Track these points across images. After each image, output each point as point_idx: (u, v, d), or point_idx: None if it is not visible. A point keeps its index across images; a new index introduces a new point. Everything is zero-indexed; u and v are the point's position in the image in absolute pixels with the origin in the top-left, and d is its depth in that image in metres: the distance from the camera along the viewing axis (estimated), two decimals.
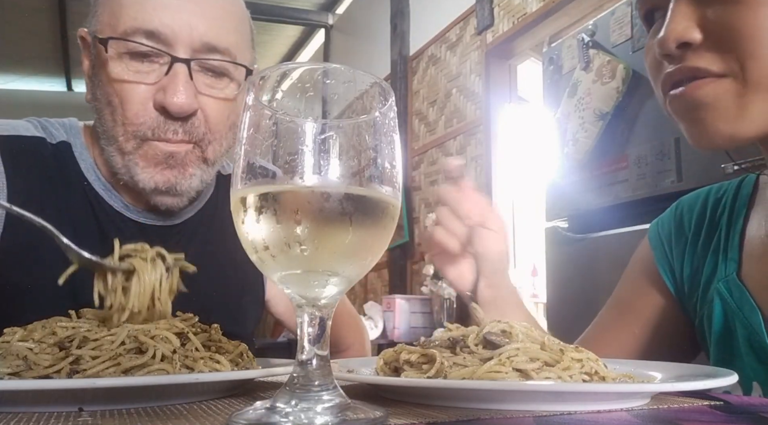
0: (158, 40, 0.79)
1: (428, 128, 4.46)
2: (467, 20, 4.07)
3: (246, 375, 0.55)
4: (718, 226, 0.77)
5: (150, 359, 0.51)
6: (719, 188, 0.81)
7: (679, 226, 0.82)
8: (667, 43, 0.62)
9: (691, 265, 0.79)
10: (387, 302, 3.90)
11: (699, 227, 0.79)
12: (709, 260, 0.76)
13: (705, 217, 0.79)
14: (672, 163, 1.92)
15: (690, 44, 0.61)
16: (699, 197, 0.82)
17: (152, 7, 0.79)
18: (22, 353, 0.52)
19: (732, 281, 0.71)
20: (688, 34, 0.61)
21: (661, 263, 0.82)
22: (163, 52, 0.79)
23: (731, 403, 0.49)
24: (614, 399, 0.47)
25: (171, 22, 0.79)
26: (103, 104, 0.83)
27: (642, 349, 0.82)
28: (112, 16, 0.81)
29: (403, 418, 0.41)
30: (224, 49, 0.83)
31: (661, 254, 0.83)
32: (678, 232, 0.82)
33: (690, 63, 0.62)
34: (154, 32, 0.78)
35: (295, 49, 7.66)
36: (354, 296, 5.37)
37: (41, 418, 0.43)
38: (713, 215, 0.79)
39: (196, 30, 0.80)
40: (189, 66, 0.80)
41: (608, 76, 2.13)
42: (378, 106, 0.40)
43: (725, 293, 0.72)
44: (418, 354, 0.53)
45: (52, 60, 7.41)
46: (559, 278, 2.38)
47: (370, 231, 0.38)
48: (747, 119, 0.60)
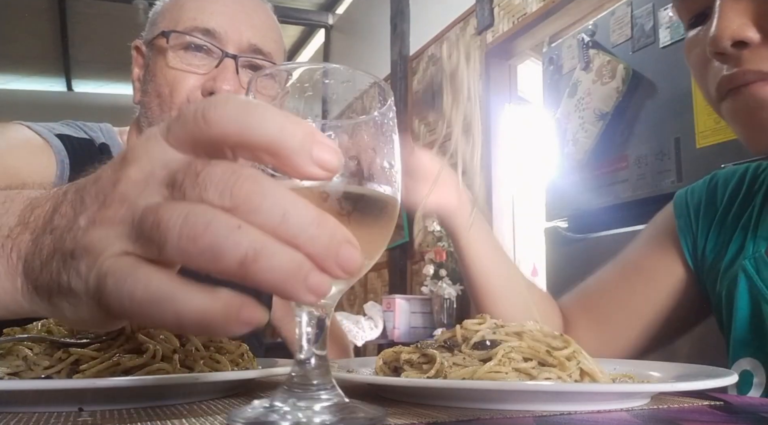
0: (212, 37, 0.89)
1: (428, 128, 4.47)
2: (467, 20, 4.07)
3: (246, 375, 0.55)
4: (752, 203, 0.74)
5: (150, 359, 0.51)
6: (758, 166, 0.77)
7: (712, 197, 0.79)
8: (721, 42, 0.58)
9: (717, 238, 0.76)
10: (387, 302, 3.90)
11: (732, 202, 0.76)
12: (737, 235, 0.73)
13: (740, 192, 0.76)
14: (672, 163, 1.93)
15: (746, 44, 0.57)
16: (737, 172, 0.79)
17: (210, 11, 0.91)
18: (22, 353, 0.52)
19: (761, 259, 0.69)
20: (744, 31, 0.57)
21: (684, 232, 0.80)
22: (215, 47, 0.89)
23: (731, 403, 0.49)
24: (614, 399, 0.47)
25: (225, 24, 0.90)
26: (152, 97, 0.91)
27: (653, 313, 0.80)
28: (173, 20, 0.91)
29: (403, 418, 0.41)
30: (267, 52, 0.93)
31: (685, 223, 0.80)
32: (709, 203, 0.79)
33: (752, 65, 0.58)
34: (210, 30, 0.89)
35: (295, 49, 7.66)
36: (354, 296, 5.37)
37: (41, 418, 0.43)
38: (749, 191, 0.75)
39: (245, 34, 0.91)
40: (237, 62, 0.89)
41: (608, 76, 2.13)
42: (377, 106, 0.40)
43: (752, 271, 0.69)
44: (419, 354, 0.53)
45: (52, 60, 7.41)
46: (559, 278, 2.38)
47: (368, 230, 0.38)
48: None
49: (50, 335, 0.54)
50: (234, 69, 0.89)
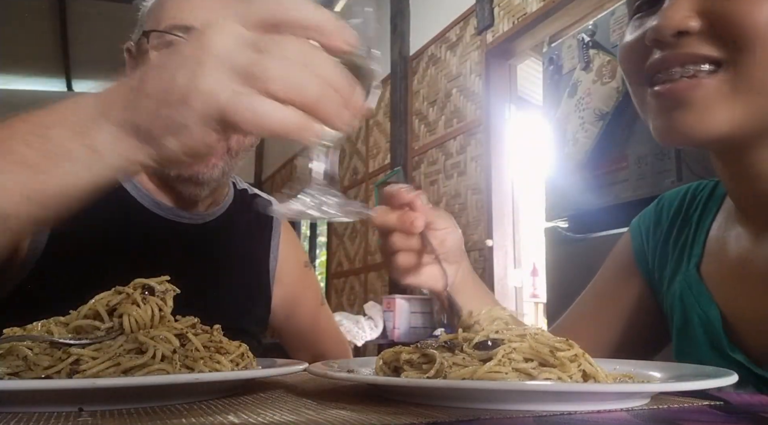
0: None
1: (428, 128, 4.47)
2: (467, 20, 4.07)
3: (246, 375, 0.55)
4: (689, 222, 0.79)
5: (150, 359, 0.51)
6: (698, 185, 0.82)
7: (658, 218, 0.84)
8: (664, 30, 0.60)
9: (661, 257, 0.81)
10: (387, 302, 3.90)
11: (674, 222, 0.81)
12: (677, 254, 0.78)
13: (681, 212, 0.81)
14: (672, 163, 1.93)
15: (686, 33, 0.60)
16: (680, 192, 0.84)
17: (189, 9, 0.90)
18: (22, 353, 0.52)
19: (692, 275, 0.74)
20: (687, 21, 0.60)
21: (638, 253, 0.85)
22: None
23: (731, 403, 0.49)
24: (614, 399, 0.47)
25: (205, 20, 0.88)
26: None
27: (615, 338, 0.84)
28: (155, 20, 0.92)
29: (403, 418, 0.41)
30: None
31: (638, 244, 0.85)
32: (656, 224, 0.84)
33: (685, 49, 0.60)
34: (189, 27, 0.88)
35: None
36: (354, 296, 5.38)
37: (41, 418, 0.43)
38: (687, 210, 0.81)
39: None
40: None
41: (608, 76, 2.13)
42: None
43: (685, 286, 0.75)
44: (419, 353, 0.53)
45: (52, 60, 7.41)
46: (559, 278, 2.38)
47: None
48: (726, 118, 0.60)
49: (50, 335, 0.54)
50: None
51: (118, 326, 0.55)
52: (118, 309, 0.56)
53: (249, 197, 1.11)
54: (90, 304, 0.58)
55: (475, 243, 3.78)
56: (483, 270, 3.69)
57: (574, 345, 0.51)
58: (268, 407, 0.48)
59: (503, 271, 3.66)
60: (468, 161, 3.96)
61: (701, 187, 0.82)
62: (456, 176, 4.08)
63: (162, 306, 0.58)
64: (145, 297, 0.57)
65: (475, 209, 3.85)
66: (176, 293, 0.61)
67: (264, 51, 0.45)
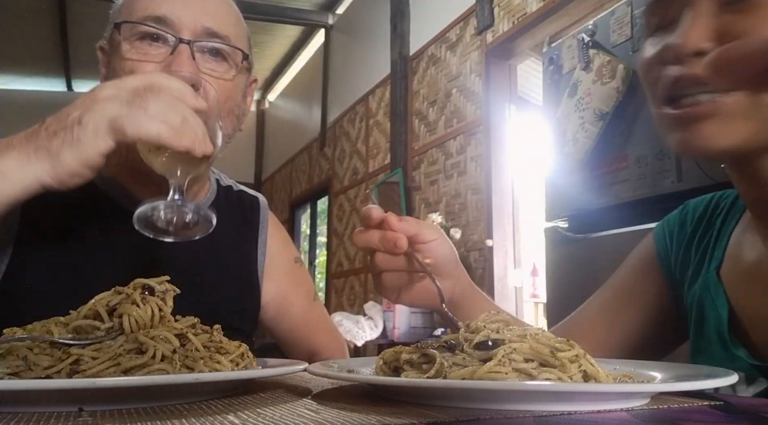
0: (165, 24, 0.88)
1: (428, 128, 4.47)
2: (467, 20, 4.07)
3: (246, 375, 0.55)
4: (712, 226, 0.82)
5: (150, 359, 0.51)
6: (723, 194, 0.85)
7: (683, 223, 0.87)
8: (683, 49, 0.62)
9: (684, 258, 0.83)
10: (387, 302, 3.91)
11: (698, 226, 0.84)
12: (699, 256, 0.81)
13: (705, 217, 0.84)
14: (672, 163, 1.93)
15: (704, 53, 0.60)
16: (704, 200, 0.87)
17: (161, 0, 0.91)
18: (22, 353, 0.52)
19: (711, 277, 0.77)
20: (706, 42, 0.61)
21: (661, 256, 0.87)
22: (168, 34, 0.88)
23: (731, 403, 0.49)
24: (614, 399, 0.47)
25: (177, 10, 0.89)
26: None
27: (639, 331, 0.86)
28: (127, 12, 0.91)
29: (403, 418, 0.41)
30: (224, 35, 0.91)
31: (662, 247, 0.87)
32: (680, 227, 0.86)
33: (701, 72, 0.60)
34: (161, 18, 0.88)
35: (295, 50, 7.66)
36: (354, 296, 5.38)
37: (41, 418, 0.43)
38: (711, 215, 0.83)
39: (199, 19, 0.90)
40: (192, 47, 0.88)
41: (608, 76, 2.13)
42: None
43: (704, 288, 0.77)
44: (419, 353, 0.53)
45: (52, 60, 7.42)
46: (559, 278, 2.38)
47: None
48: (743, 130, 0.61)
49: (50, 335, 0.54)
50: (189, 54, 0.88)
51: (118, 326, 0.55)
52: (118, 309, 0.56)
53: (234, 193, 1.10)
54: (90, 304, 0.58)
55: (475, 243, 3.79)
56: (483, 270, 3.69)
57: (575, 345, 0.51)
58: (268, 407, 0.48)
59: (503, 271, 3.66)
60: (468, 161, 3.96)
61: (725, 195, 0.84)
62: (456, 176, 4.08)
63: (162, 306, 0.58)
64: (144, 297, 0.58)
65: (475, 209, 3.85)
66: (176, 293, 0.61)
67: (142, 96, 0.64)
